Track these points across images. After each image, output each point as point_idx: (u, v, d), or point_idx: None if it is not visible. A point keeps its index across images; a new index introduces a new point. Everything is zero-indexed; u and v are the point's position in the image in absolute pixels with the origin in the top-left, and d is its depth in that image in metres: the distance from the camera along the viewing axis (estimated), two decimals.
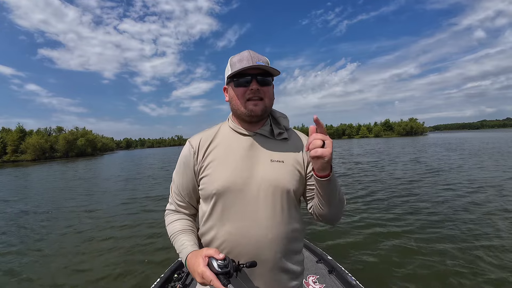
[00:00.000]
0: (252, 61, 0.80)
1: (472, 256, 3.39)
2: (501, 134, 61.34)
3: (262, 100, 0.84)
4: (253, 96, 0.83)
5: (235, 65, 0.83)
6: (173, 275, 2.20)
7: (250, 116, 0.85)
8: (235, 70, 0.81)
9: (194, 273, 0.72)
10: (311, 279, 2.11)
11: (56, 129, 74.08)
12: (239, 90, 0.84)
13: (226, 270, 0.68)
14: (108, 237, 4.87)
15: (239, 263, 0.75)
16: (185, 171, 0.89)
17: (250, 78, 0.82)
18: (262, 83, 0.83)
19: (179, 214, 0.93)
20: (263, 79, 0.83)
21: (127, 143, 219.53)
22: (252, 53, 0.84)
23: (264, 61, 0.84)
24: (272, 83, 0.87)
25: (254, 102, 0.83)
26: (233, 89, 0.86)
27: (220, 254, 0.71)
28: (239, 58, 0.83)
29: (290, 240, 0.85)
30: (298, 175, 0.87)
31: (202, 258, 0.71)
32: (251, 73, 0.81)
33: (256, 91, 0.82)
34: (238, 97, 0.85)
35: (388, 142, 44.44)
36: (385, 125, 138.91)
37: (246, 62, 0.81)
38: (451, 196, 6.40)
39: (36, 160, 54.12)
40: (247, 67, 0.79)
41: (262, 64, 0.81)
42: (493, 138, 36.07)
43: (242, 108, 0.84)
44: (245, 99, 0.84)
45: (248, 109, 0.83)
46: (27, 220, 6.40)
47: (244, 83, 0.83)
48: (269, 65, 0.85)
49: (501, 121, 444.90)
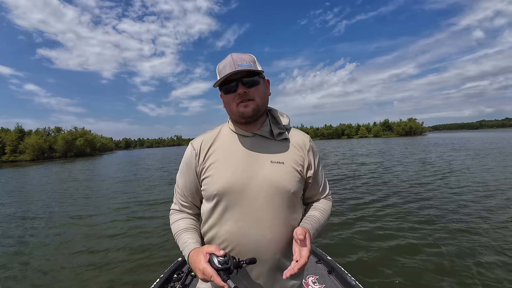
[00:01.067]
0: (234, 65, 0.80)
1: (477, 257, 3.36)
2: (503, 134, 60.98)
3: (252, 100, 0.84)
4: (242, 99, 0.83)
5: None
6: (172, 275, 2.19)
7: (243, 117, 0.85)
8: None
9: (196, 269, 0.74)
10: (310, 279, 2.11)
11: (55, 129, 73.96)
12: (229, 97, 0.85)
13: (226, 266, 0.70)
14: (108, 238, 4.85)
15: (239, 260, 0.76)
16: (188, 172, 0.91)
17: (235, 83, 0.82)
18: (248, 84, 0.82)
19: (183, 214, 0.95)
20: (248, 81, 0.82)
21: (126, 143, 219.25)
22: (235, 56, 0.83)
23: (248, 60, 0.83)
24: (260, 81, 0.86)
25: (244, 104, 0.83)
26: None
27: (220, 251, 0.73)
28: (223, 65, 0.83)
29: (289, 240, 0.85)
30: (298, 176, 0.88)
31: (204, 254, 0.73)
32: (235, 78, 0.81)
33: (243, 94, 0.82)
34: (229, 103, 0.86)
35: (388, 142, 44.39)
36: (384, 125, 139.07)
37: (228, 68, 0.80)
38: (449, 196, 6.40)
39: (35, 160, 53.98)
40: (228, 74, 0.79)
41: (247, 65, 0.80)
42: (495, 138, 35.91)
43: (235, 112, 0.85)
44: (236, 103, 0.84)
45: (240, 111, 0.84)
46: (12, 227, 5.82)
47: (230, 89, 0.83)
48: (255, 62, 0.85)
49: (500, 121, 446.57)
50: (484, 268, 3.09)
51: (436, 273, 3.05)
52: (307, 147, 0.93)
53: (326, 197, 1.02)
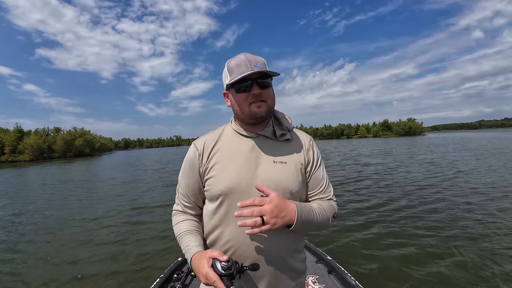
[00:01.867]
0: (250, 65, 0.80)
1: (481, 258, 3.36)
2: (503, 134, 60.81)
3: (265, 102, 0.84)
4: (256, 100, 0.83)
5: (233, 71, 0.83)
6: (172, 275, 2.19)
7: (255, 118, 0.85)
8: (234, 78, 0.81)
9: (199, 273, 0.74)
10: (310, 279, 2.11)
11: (54, 129, 73.80)
12: (241, 96, 0.84)
13: (229, 272, 0.70)
14: (107, 238, 4.85)
15: (242, 265, 0.76)
16: (191, 173, 0.91)
17: (250, 83, 0.81)
18: (263, 86, 0.83)
19: (185, 215, 0.95)
20: (263, 82, 0.83)
21: (126, 143, 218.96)
22: (248, 56, 0.83)
23: (261, 62, 0.84)
24: (271, 84, 0.87)
25: (258, 104, 0.83)
26: (234, 95, 0.86)
27: (224, 256, 0.72)
28: (237, 63, 0.82)
29: (292, 240, 0.86)
30: (301, 176, 0.89)
31: (207, 259, 0.73)
32: (250, 77, 0.81)
33: (258, 95, 0.82)
34: (241, 102, 0.85)
35: (388, 142, 44.32)
36: (383, 125, 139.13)
37: (244, 68, 0.80)
38: (448, 195, 6.41)
39: (34, 160, 53.86)
40: (247, 73, 0.78)
41: (261, 67, 0.81)
42: (496, 138, 35.83)
43: (247, 112, 0.84)
44: (248, 103, 0.84)
45: (253, 111, 0.83)
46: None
47: (245, 88, 0.83)
48: (266, 65, 0.85)
49: (499, 121, 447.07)
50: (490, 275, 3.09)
51: (437, 273, 3.05)
52: (309, 147, 0.94)
53: (330, 200, 0.95)
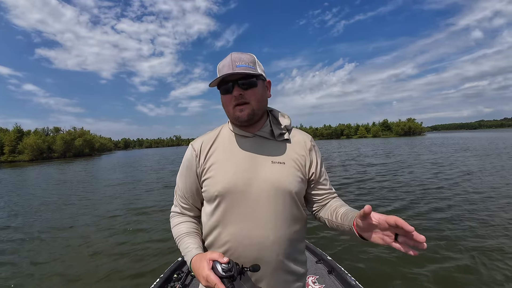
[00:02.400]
0: (232, 66, 0.78)
1: (483, 259, 3.34)
2: (503, 134, 60.56)
3: (248, 104, 0.82)
4: (238, 102, 0.82)
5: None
6: (172, 275, 2.19)
7: (239, 121, 0.84)
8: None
9: (199, 276, 0.73)
10: (310, 279, 2.11)
11: (54, 129, 73.71)
12: (226, 98, 0.84)
13: (230, 274, 0.69)
14: (107, 238, 4.85)
15: (242, 267, 0.76)
16: (188, 173, 0.91)
17: (231, 85, 0.80)
18: (245, 86, 0.81)
19: (184, 217, 0.94)
20: (245, 83, 0.80)
21: (125, 143, 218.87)
22: (234, 56, 0.81)
23: (248, 61, 0.81)
24: (257, 83, 0.83)
25: (240, 108, 0.82)
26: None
27: (224, 258, 0.72)
28: (223, 64, 0.82)
29: (292, 241, 0.85)
30: (299, 176, 0.87)
31: (207, 261, 0.72)
32: (231, 79, 0.80)
33: (239, 97, 0.81)
34: (226, 104, 0.85)
35: (389, 142, 44.27)
36: (383, 125, 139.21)
37: (226, 69, 0.79)
38: (450, 195, 6.40)
39: (33, 160, 53.78)
40: (223, 75, 0.77)
41: (245, 66, 0.79)
42: (497, 138, 35.76)
43: (232, 114, 0.84)
44: (232, 105, 0.83)
45: (236, 115, 0.83)
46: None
47: (227, 90, 0.82)
48: (255, 63, 0.83)
49: (498, 121, 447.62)
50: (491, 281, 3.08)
51: (437, 273, 3.04)
52: (308, 147, 0.92)
53: (336, 197, 0.97)
